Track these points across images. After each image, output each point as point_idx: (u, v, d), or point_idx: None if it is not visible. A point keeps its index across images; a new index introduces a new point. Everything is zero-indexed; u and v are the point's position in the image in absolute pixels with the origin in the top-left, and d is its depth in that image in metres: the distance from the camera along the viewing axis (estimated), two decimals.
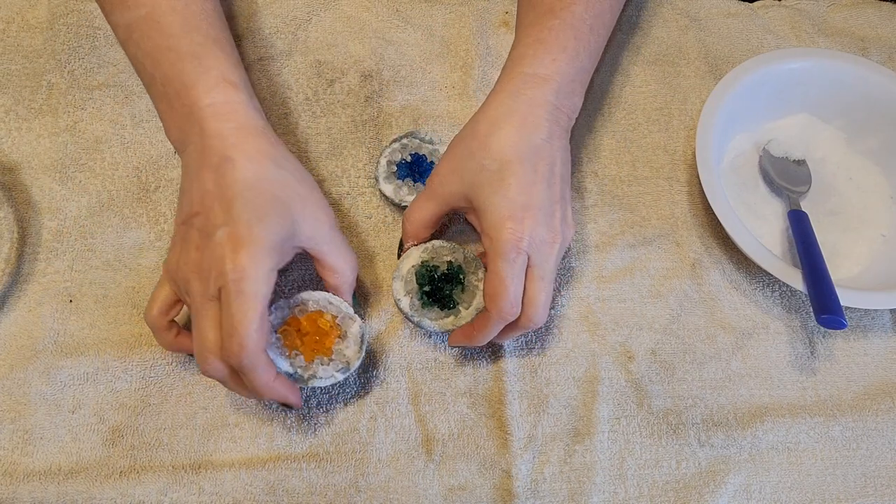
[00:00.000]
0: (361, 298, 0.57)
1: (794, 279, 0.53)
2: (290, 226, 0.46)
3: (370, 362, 0.54)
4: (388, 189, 0.58)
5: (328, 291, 0.50)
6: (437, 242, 0.53)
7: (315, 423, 0.52)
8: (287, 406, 0.48)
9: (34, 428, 0.51)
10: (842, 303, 0.51)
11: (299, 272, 0.57)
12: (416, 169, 0.58)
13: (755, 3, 0.71)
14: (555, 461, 0.52)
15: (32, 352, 0.53)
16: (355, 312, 0.50)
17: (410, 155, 0.58)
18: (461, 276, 0.52)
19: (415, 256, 0.53)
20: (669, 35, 0.68)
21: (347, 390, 0.53)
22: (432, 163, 0.58)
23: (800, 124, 0.65)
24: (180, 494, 0.50)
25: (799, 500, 0.53)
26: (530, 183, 0.48)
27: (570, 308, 0.57)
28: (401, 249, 0.55)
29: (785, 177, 0.62)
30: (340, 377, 0.49)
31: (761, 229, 0.60)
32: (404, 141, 0.59)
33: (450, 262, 0.53)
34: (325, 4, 0.66)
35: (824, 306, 0.51)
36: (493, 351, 0.55)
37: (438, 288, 0.52)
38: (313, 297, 0.50)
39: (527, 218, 0.47)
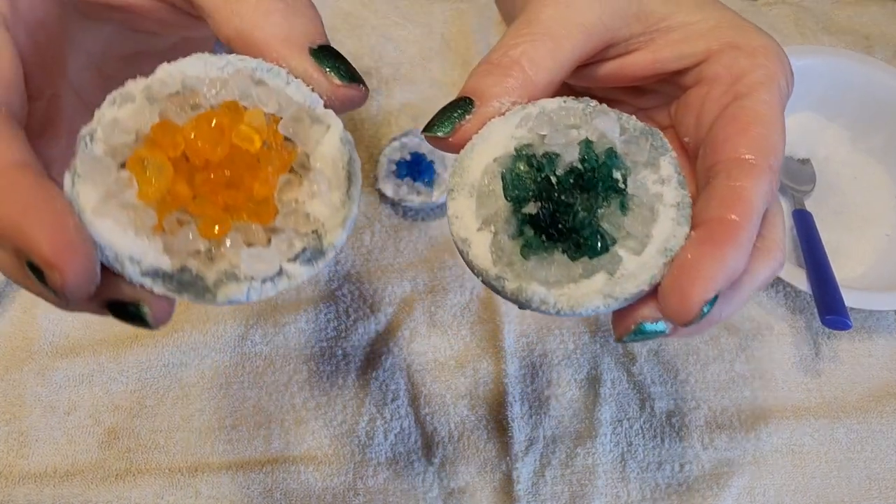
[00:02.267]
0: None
1: (799, 279, 0.53)
2: None
3: (368, 363, 0.54)
4: (388, 188, 0.57)
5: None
6: (548, 103, 0.26)
7: (312, 426, 0.52)
8: (128, 314, 0.24)
9: (29, 430, 0.51)
10: (846, 303, 0.51)
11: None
12: (415, 168, 0.57)
13: (759, 1, 0.70)
14: (556, 464, 0.52)
15: (27, 353, 0.52)
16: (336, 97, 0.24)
17: (410, 154, 0.58)
18: (617, 176, 0.25)
19: (499, 139, 0.25)
20: None
21: (346, 391, 0.53)
22: (432, 162, 0.58)
23: (804, 122, 0.64)
24: (177, 497, 0.49)
25: (803, 502, 0.52)
26: None
27: None
28: (449, 118, 0.25)
29: (789, 176, 0.61)
30: (305, 273, 0.23)
31: None
32: (404, 139, 0.59)
33: (587, 143, 0.25)
34: (323, 1, 0.66)
35: (829, 307, 0.50)
36: (494, 352, 0.54)
37: (564, 206, 0.24)
38: (215, 64, 0.23)
39: None
